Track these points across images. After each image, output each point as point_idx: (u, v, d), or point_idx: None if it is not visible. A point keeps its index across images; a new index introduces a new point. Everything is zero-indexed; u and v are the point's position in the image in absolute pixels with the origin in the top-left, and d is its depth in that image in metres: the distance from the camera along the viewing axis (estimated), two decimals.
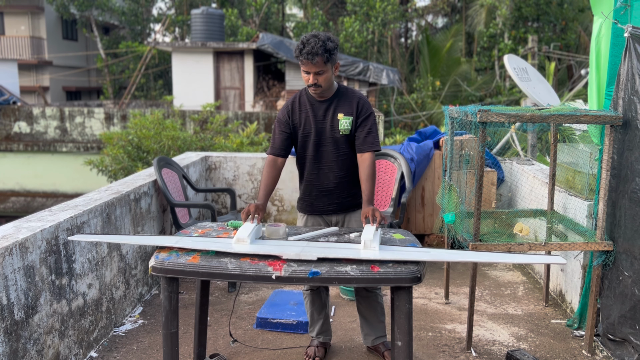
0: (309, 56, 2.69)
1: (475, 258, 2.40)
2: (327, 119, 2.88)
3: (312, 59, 2.69)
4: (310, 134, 2.89)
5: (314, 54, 2.68)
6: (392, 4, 19.61)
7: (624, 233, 2.98)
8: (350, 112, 2.87)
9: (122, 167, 8.40)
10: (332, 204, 2.97)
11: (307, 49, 2.69)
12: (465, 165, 4.01)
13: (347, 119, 2.86)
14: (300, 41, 2.75)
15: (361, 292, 3.05)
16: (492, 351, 3.29)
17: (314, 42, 2.69)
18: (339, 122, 2.86)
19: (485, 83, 19.69)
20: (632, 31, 2.94)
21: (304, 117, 2.91)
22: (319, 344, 3.16)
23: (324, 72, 2.76)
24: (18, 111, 15.84)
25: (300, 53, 2.72)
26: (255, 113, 15.23)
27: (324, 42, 2.71)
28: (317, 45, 2.68)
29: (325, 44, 2.71)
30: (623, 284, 3.01)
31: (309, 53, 2.69)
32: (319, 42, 2.70)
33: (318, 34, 2.75)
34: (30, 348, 2.61)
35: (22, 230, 2.69)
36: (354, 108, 2.87)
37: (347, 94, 2.91)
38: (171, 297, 2.44)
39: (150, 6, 25.69)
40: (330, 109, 2.87)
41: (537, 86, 5.77)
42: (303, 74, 2.80)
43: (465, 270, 4.69)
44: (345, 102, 2.88)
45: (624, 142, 2.98)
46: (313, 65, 2.71)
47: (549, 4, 19.84)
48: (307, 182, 2.97)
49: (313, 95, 2.88)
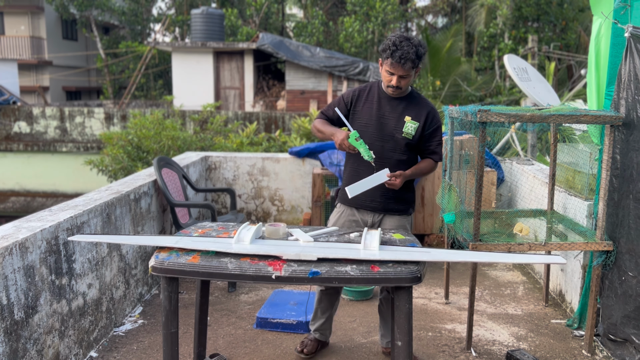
0: (401, 60, 2.65)
1: (475, 258, 2.40)
2: (393, 116, 2.85)
3: (404, 64, 2.66)
4: (370, 125, 2.85)
5: (406, 59, 2.65)
6: (392, 4, 19.61)
7: (627, 233, 2.97)
8: (418, 119, 2.84)
9: (122, 167, 8.40)
10: (375, 202, 2.92)
11: (400, 53, 2.64)
12: (465, 165, 4.02)
13: (413, 124, 2.83)
14: (391, 42, 2.68)
15: (384, 294, 3.05)
16: (492, 351, 3.29)
17: (407, 47, 2.64)
18: (404, 124, 2.83)
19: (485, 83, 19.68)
20: (633, 31, 2.94)
21: (367, 106, 2.88)
22: (313, 338, 3.18)
23: (408, 77, 2.74)
24: (18, 111, 15.84)
25: (391, 55, 2.67)
26: (255, 113, 15.23)
27: (417, 48, 2.67)
28: (411, 51, 2.64)
29: (417, 50, 2.67)
30: (627, 284, 3.00)
31: (402, 57, 2.64)
32: (412, 47, 2.65)
33: (410, 37, 2.70)
34: (30, 348, 2.61)
35: (22, 230, 2.69)
36: (423, 116, 2.85)
37: (419, 100, 2.89)
38: (171, 297, 2.44)
39: (150, 6, 25.68)
40: (399, 108, 2.85)
41: (537, 86, 5.77)
42: (385, 73, 2.75)
43: (465, 270, 4.69)
44: (416, 107, 2.86)
45: (628, 143, 2.97)
46: (401, 68, 2.68)
47: (549, 4, 19.83)
48: (357, 174, 2.89)
49: (389, 93, 2.84)
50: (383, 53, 2.72)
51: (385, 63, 2.73)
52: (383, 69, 2.77)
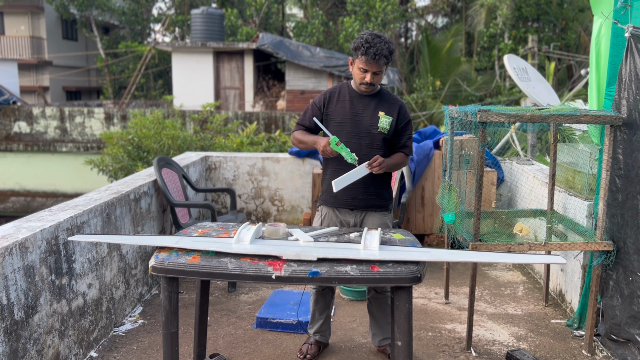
0: (376, 57, 2.72)
1: (475, 258, 2.40)
2: (366, 113, 2.90)
3: (378, 60, 2.73)
4: (345, 124, 2.91)
5: (380, 55, 2.72)
6: (392, 4, 19.61)
7: (635, 234, 2.96)
8: (391, 113, 2.91)
9: (122, 166, 8.40)
10: (357, 199, 2.96)
11: (375, 50, 2.71)
12: (465, 165, 4.02)
13: (387, 119, 2.90)
14: (363, 39, 2.75)
15: (372, 293, 3.07)
16: (492, 351, 3.29)
17: (380, 44, 2.73)
18: (379, 119, 2.89)
19: (485, 83, 19.68)
20: (633, 31, 2.94)
21: (340, 107, 2.93)
22: (314, 341, 3.18)
23: (381, 73, 2.82)
24: (18, 111, 15.84)
25: (365, 52, 2.73)
26: (255, 113, 15.23)
27: (388, 44, 2.76)
28: (384, 47, 2.73)
29: (389, 47, 2.76)
30: (635, 285, 2.98)
31: (376, 54, 2.72)
32: (385, 44, 2.74)
33: (381, 34, 2.78)
34: (30, 348, 2.61)
35: (22, 230, 2.69)
36: (395, 111, 2.92)
37: (389, 97, 2.97)
38: (171, 297, 2.44)
39: (150, 6, 25.68)
40: (371, 105, 2.91)
41: (537, 86, 5.77)
42: (358, 71, 2.82)
43: (465, 270, 4.69)
44: (387, 103, 2.93)
45: (632, 143, 2.96)
46: (376, 65, 2.75)
47: (549, 4, 19.83)
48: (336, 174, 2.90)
49: (362, 91, 2.91)
50: (356, 51, 2.78)
51: (358, 60, 2.79)
52: (355, 67, 2.84)
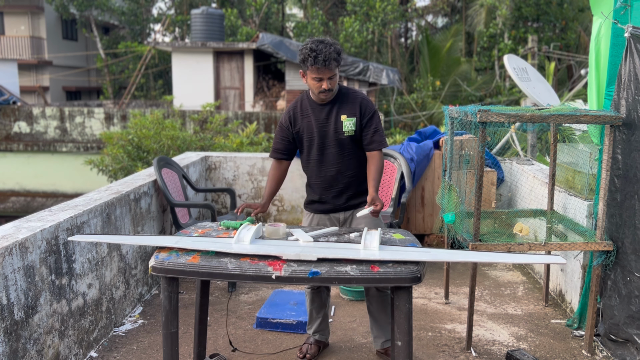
0: (326, 62, 2.67)
1: (475, 258, 2.40)
2: (330, 122, 2.87)
3: (329, 65, 2.68)
4: (314, 138, 2.90)
5: (330, 59, 2.68)
6: (392, 4, 19.61)
7: (633, 234, 2.96)
8: (353, 113, 2.86)
9: (122, 166, 8.40)
10: (342, 203, 2.98)
11: (323, 56, 2.67)
12: (465, 165, 4.02)
13: (350, 120, 2.86)
14: (307, 49, 2.70)
15: (371, 292, 3.04)
16: (492, 351, 3.29)
17: (326, 49, 2.68)
18: (342, 124, 2.85)
19: (485, 83, 19.69)
20: (633, 31, 2.94)
21: (306, 122, 2.91)
22: (314, 341, 3.18)
23: (335, 76, 2.78)
24: (18, 111, 15.84)
25: (315, 61, 2.68)
26: (255, 113, 15.23)
27: (334, 46, 2.71)
28: (330, 50, 2.69)
29: (336, 48, 2.72)
30: (633, 285, 2.98)
31: (325, 60, 2.67)
32: (330, 46, 2.69)
33: (323, 39, 2.74)
34: (30, 348, 2.61)
35: (22, 230, 2.69)
36: (357, 109, 2.87)
37: (348, 95, 2.90)
38: (171, 297, 2.44)
39: (150, 6, 25.69)
40: (333, 111, 2.87)
41: (537, 86, 5.77)
42: (313, 81, 2.76)
43: (465, 270, 4.69)
44: (348, 104, 2.88)
45: (630, 143, 2.96)
46: (329, 70, 2.71)
47: (549, 4, 19.84)
48: (316, 185, 2.97)
49: (322, 100, 2.86)
50: (305, 63, 2.72)
51: (310, 71, 2.73)
52: (309, 78, 2.77)
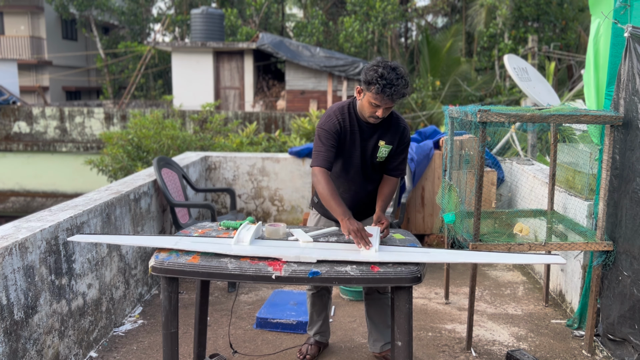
0: (392, 97, 2.49)
1: (475, 258, 2.40)
2: (370, 144, 2.76)
3: (393, 100, 2.51)
4: (353, 153, 2.76)
5: (398, 95, 2.50)
6: (392, 3, 19.60)
7: (624, 233, 2.98)
8: (392, 142, 2.76)
9: (122, 166, 8.39)
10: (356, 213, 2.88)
11: (392, 91, 2.47)
12: (465, 165, 4.01)
13: (387, 148, 2.76)
14: (378, 74, 2.47)
15: (371, 295, 3.02)
16: (492, 351, 3.29)
17: (397, 81, 2.48)
18: (378, 149, 2.75)
19: (485, 83, 19.68)
20: (632, 31, 2.94)
21: (351, 138, 2.74)
22: (314, 342, 3.17)
23: (392, 107, 2.60)
24: (18, 111, 15.83)
25: (382, 90, 2.48)
26: (255, 113, 15.23)
27: (405, 79, 2.52)
28: (402, 84, 2.50)
29: (406, 82, 2.53)
30: (622, 284, 3.01)
31: (392, 94, 2.48)
32: (402, 80, 2.50)
33: (396, 67, 2.51)
34: (30, 348, 2.61)
35: (22, 230, 2.69)
36: (396, 138, 2.77)
37: (392, 121, 2.76)
38: (171, 297, 2.44)
39: (150, 6, 25.67)
40: (375, 135, 2.75)
41: (537, 86, 5.77)
42: (369, 105, 2.57)
43: (465, 270, 4.69)
44: (390, 130, 2.76)
45: (625, 142, 2.97)
46: (391, 102, 2.53)
47: (549, 3, 19.83)
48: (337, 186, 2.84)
49: (370, 122, 2.69)
50: (368, 85, 2.52)
51: (370, 94, 2.53)
52: (365, 99, 2.58)
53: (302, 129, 9.47)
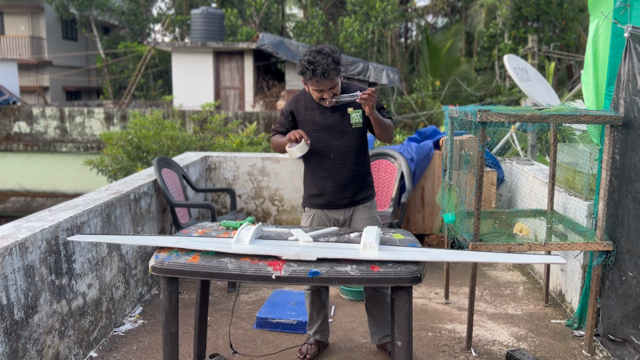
0: (325, 74, 2.64)
1: (475, 258, 2.40)
2: (336, 115, 2.88)
3: (328, 76, 2.65)
4: (319, 130, 2.89)
5: (329, 71, 2.65)
6: (392, 3, 19.61)
7: (627, 233, 2.97)
8: (359, 105, 2.86)
9: (122, 167, 8.39)
10: (345, 198, 2.98)
11: (321, 69, 2.63)
12: (465, 165, 4.02)
13: (357, 112, 2.87)
14: (305, 61, 2.66)
15: (369, 291, 3.07)
16: (492, 351, 3.29)
17: (323, 60, 2.63)
18: (349, 116, 2.86)
19: (485, 83, 19.69)
20: (632, 31, 2.94)
21: (310, 114, 2.90)
22: (314, 341, 3.18)
23: (336, 85, 2.76)
24: (18, 111, 15.84)
25: (313, 74, 2.65)
26: (255, 113, 15.23)
27: (331, 55, 2.66)
28: (328, 61, 2.63)
29: (333, 58, 2.66)
30: (627, 285, 2.99)
31: (323, 72, 2.63)
32: (327, 57, 2.64)
33: (320, 49, 2.68)
34: (30, 348, 2.61)
35: (22, 230, 2.69)
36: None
37: (351, 89, 2.89)
38: (171, 297, 2.44)
39: (150, 6, 25.68)
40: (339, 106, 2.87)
41: (537, 86, 5.78)
42: (314, 92, 2.75)
43: (465, 270, 4.69)
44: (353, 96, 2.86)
45: (626, 143, 2.97)
46: (328, 82, 2.69)
47: (549, 4, 19.83)
48: (320, 178, 2.95)
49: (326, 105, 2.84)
50: (304, 75, 2.69)
51: (309, 83, 2.71)
52: (310, 89, 2.76)
53: None
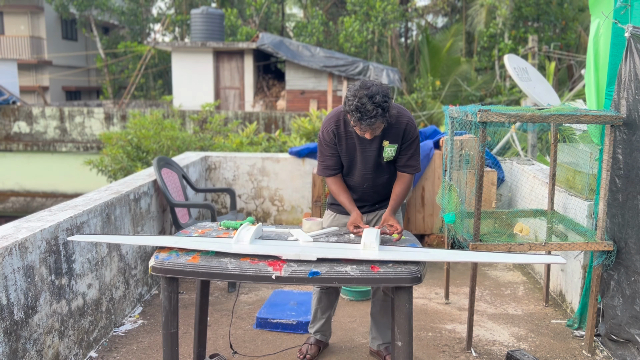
0: (370, 125, 2.48)
1: (475, 258, 2.40)
2: (372, 147, 2.76)
3: (373, 125, 2.49)
4: (355, 160, 2.80)
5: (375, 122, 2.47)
6: (392, 3, 19.61)
7: (637, 234, 2.96)
8: (396, 140, 2.75)
9: (122, 167, 8.39)
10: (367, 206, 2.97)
11: (368, 121, 2.45)
12: (465, 165, 4.01)
13: (392, 147, 2.75)
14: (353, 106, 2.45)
15: (378, 295, 3.04)
16: (492, 351, 3.29)
17: (373, 112, 2.44)
18: (383, 149, 2.75)
19: (485, 83, 19.69)
20: (633, 31, 2.94)
21: (350, 143, 2.77)
22: (314, 341, 3.17)
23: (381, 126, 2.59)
24: (18, 111, 15.83)
25: (359, 121, 2.47)
26: (255, 113, 15.23)
27: (381, 104, 2.45)
28: (377, 113, 2.45)
29: (382, 106, 2.46)
30: (637, 285, 2.98)
31: (370, 124, 2.47)
32: (377, 109, 2.44)
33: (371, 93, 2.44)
34: (29, 348, 2.61)
35: (22, 230, 2.69)
36: (400, 135, 2.74)
37: (395, 118, 2.71)
38: (171, 297, 2.44)
39: (150, 6, 25.68)
40: (377, 138, 2.73)
41: (537, 86, 5.77)
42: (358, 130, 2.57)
43: (465, 270, 4.69)
44: (393, 129, 2.73)
45: (631, 143, 2.96)
46: (371, 130, 2.53)
47: (549, 3, 19.83)
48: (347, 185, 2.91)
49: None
50: (348, 114, 2.54)
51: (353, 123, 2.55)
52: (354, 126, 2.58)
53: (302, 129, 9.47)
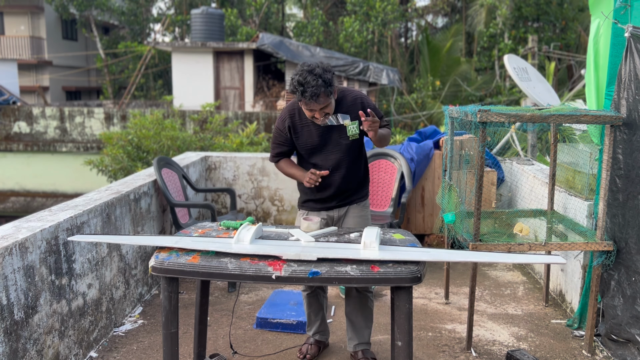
0: (313, 97, 2.56)
1: (475, 258, 2.40)
2: (332, 129, 2.82)
3: (317, 98, 2.57)
4: (316, 146, 2.86)
5: (317, 94, 2.56)
6: (392, 3, 19.61)
7: (637, 234, 2.96)
8: (355, 116, 2.81)
9: (122, 167, 8.40)
10: (341, 201, 2.99)
11: (310, 92, 2.55)
12: (465, 165, 4.01)
13: (354, 124, 2.80)
14: (295, 81, 2.58)
15: (351, 293, 3.00)
16: (492, 351, 3.29)
17: (314, 82, 2.54)
18: (346, 129, 2.81)
19: (485, 83, 19.69)
20: (633, 31, 2.94)
21: (306, 131, 2.84)
22: (314, 341, 3.17)
23: (329, 104, 2.67)
24: (18, 111, 15.84)
25: (302, 96, 2.57)
26: (255, 113, 15.23)
27: (322, 77, 2.56)
28: (318, 83, 2.55)
29: (324, 79, 2.57)
30: (637, 285, 2.98)
31: (312, 95, 2.55)
32: (318, 79, 2.55)
33: (312, 68, 2.58)
34: (30, 348, 2.61)
35: (22, 230, 2.69)
36: (357, 110, 2.80)
37: (346, 98, 2.83)
38: (171, 297, 2.44)
39: (150, 6, 25.68)
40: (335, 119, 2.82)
41: (537, 86, 5.78)
42: (305, 111, 2.67)
43: (465, 270, 4.69)
44: (348, 107, 2.82)
45: (632, 143, 2.95)
46: (317, 103, 2.60)
47: (549, 3, 19.84)
48: (316, 187, 2.92)
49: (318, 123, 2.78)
50: (294, 94, 2.62)
51: (301, 103, 2.65)
52: (302, 107, 2.69)
53: None
